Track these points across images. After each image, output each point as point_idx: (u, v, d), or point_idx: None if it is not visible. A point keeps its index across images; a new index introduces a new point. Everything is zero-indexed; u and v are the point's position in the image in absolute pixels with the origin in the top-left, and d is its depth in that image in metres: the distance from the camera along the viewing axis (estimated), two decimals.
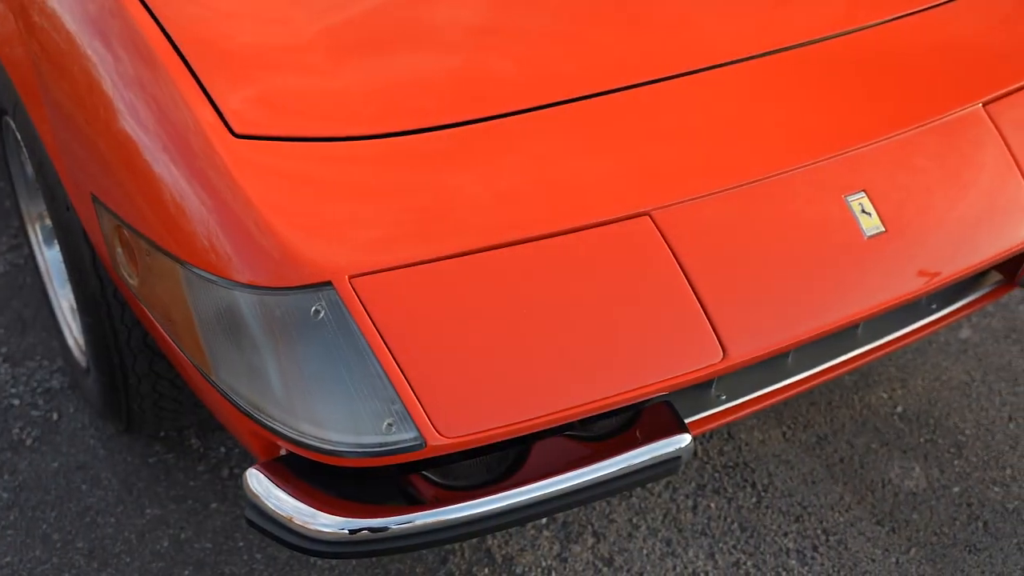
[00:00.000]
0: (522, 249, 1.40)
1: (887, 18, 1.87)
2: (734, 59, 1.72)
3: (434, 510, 1.36)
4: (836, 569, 1.94)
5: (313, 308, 1.29)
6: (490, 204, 1.44)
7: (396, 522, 1.35)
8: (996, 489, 2.11)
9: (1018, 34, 1.97)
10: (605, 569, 1.92)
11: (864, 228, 1.58)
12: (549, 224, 1.43)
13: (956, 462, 2.17)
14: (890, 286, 1.59)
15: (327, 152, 1.44)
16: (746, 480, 2.11)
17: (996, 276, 1.94)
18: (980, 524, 2.04)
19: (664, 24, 1.76)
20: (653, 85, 1.65)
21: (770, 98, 1.69)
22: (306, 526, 1.34)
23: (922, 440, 2.22)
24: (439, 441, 1.28)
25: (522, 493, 1.37)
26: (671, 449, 1.44)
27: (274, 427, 1.34)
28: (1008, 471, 2.15)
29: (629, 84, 1.63)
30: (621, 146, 1.56)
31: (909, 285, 1.61)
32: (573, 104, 1.58)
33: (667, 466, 1.45)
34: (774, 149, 1.62)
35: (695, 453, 2.16)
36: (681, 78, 1.67)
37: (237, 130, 1.40)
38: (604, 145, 1.55)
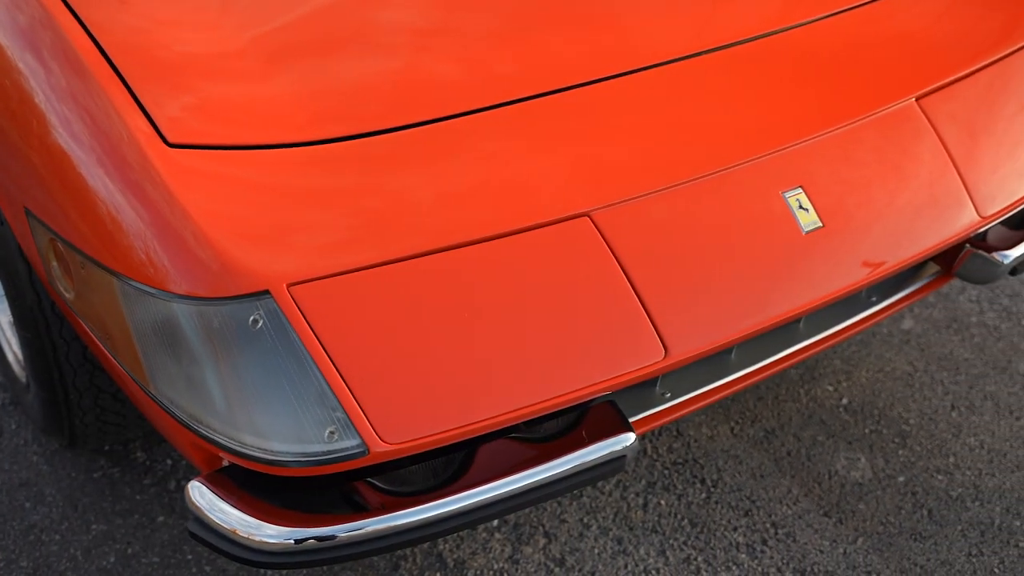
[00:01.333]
0: (463, 252, 1.40)
1: (822, 15, 1.89)
2: (672, 58, 1.73)
3: (380, 517, 1.35)
4: (785, 561, 1.96)
5: (251, 317, 1.28)
6: (431, 208, 1.43)
7: (342, 530, 1.35)
8: (940, 477, 2.14)
9: (949, 29, 2.00)
10: (557, 569, 1.93)
11: (802, 224, 1.60)
12: (489, 227, 1.43)
13: (901, 452, 2.20)
14: (829, 280, 1.61)
15: (264, 160, 1.43)
16: (695, 476, 2.12)
17: (934, 267, 1.97)
18: (925, 512, 2.07)
19: (605, 25, 1.76)
20: (594, 85, 1.65)
21: (707, 96, 1.71)
22: (251, 538, 1.33)
23: (867, 431, 2.25)
24: (382, 448, 1.28)
25: (468, 497, 1.37)
26: (616, 448, 1.44)
27: (215, 439, 1.32)
28: (951, 459, 2.19)
29: (570, 85, 1.64)
30: (561, 147, 1.56)
31: (847, 279, 1.63)
32: (513, 106, 1.59)
33: (613, 465, 1.46)
34: (712, 147, 1.63)
35: (644, 451, 2.17)
36: (621, 78, 1.68)
37: (171, 139, 1.39)
38: (544, 147, 1.55)
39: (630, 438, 1.46)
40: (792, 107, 1.74)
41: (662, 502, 2.07)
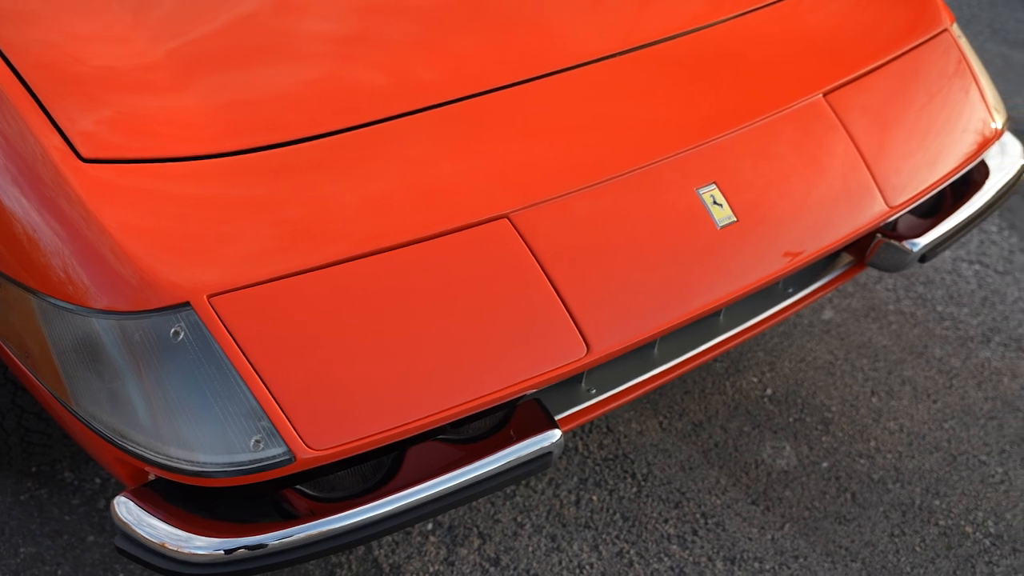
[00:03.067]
0: (384, 257, 1.42)
1: (734, 14, 1.94)
2: (590, 59, 1.76)
3: (310, 523, 1.36)
4: (716, 550, 2.00)
5: (172, 330, 1.28)
6: (352, 215, 1.44)
7: (273, 538, 1.35)
8: (862, 461, 2.20)
9: (856, 26, 2.06)
10: (492, 569, 1.95)
11: (716, 219, 1.64)
12: (410, 232, 1.45)
13: (824, 438, 2.26)
14: (744, 273, 1.65)
15: (182, 172, 1.43)
16: (626, 471, 2.16)
17: (847, 258, 2.03)
18: (849, 496, 2.13)
19: (524, 28, 1.79)
20: (514, 88, 1.68)
21: (624, 96, 1.74)
22: (180, 550, 1.33)
23: (791, 420, 2.30)
24: (308, 454, 1.28)
25: (397, 500, 1.38)
26: (541, 445, 1.47)
27: (140, 453, 1.32)
28: (872, 443, 2.25)
29: (491, 88, 1.66)
30: (482, 150, 1.58)
31: (762, 271, 1.67)
32: (434, 111, 1.60)
33: (539, 462, 1.48)
34: (628, 147, 1.67)
35: (576, 448, 2.20)
36: (540, 80, 1.71)
37: (85, 155, 1.38)
38: (465, 150, 1.57)
39: (555, 435, 1.48)
40: (705, 105, 1.78)
41: (594, 498, 2.10)
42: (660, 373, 1.78)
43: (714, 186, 1.67)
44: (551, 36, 1.80)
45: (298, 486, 1.43)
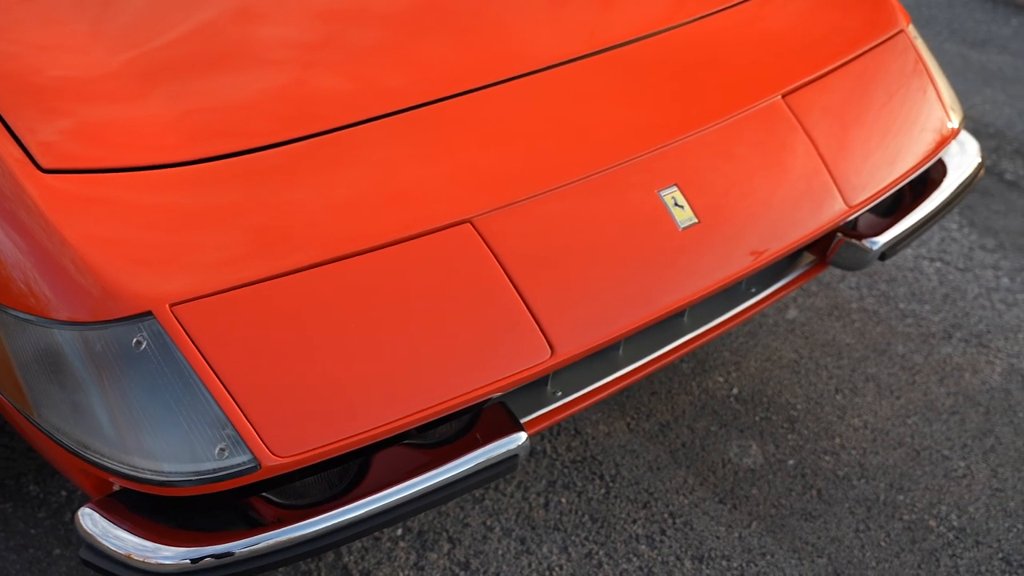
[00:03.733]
0: (348, 264, 1.42)
1: (693, 18, 1.96)
2: (553, 63, 1.78)
3: (277, 530, 1.36)
4: (684, 549, 2.01)
5: (135, 339, 1.28)
6: (315, 221, 1.44)
7: (240, 546, 1.35)
8: (827, 458, 2.23)
9: (815, 28, 2.09)
10: (462, 573, 1.95)
11: (678, 220, 1.66)
12: (373, 238, 1.45)
13: (790, 436, 2.28)
14: (707, 274, 1.67)
15: (142, 181, 1.43)
16: (594, 473, 2.17)
17: (809, 257, 2.05)
18: (814, 492, 2.15)
19: (486, 33, 1.80)
20: (477, 93, 1.69)
21: (586, 101, 1.75)
22: (147, 561, 1.33)
23: (757, 418, 2.32)
24: (274, 461, 1.28)
25: (363, 505, 1.38)
26: (507, 448, 1.47)
27: (104, 463, 1.31)
28: (837, 440, 2.27)
29: (454, 93, 1.67)
30: (445, 155, 1.59)
31: (724, 271, 1.69)
32: (398, 116, 1.61)
33: (505, 465, 1.49)
34: (590, 150, 1.68)
35: (544, 451, 2.21)
36: (504, 84, 1.72)
37: (45, 165, 1.38)
38: (428, 155, 1.58)
39: (521, 438, 1.49)
40: (666, 108, 1.80)
41: (563, 500, 2.11)
42: (626, 374, 1.79)
43: (675, 188, 1.68)
44: (514, 41, 1.81)
45: (264, 494, 1.43)
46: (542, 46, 1.81)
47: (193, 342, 1.28)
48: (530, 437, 1.53)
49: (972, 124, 3.64)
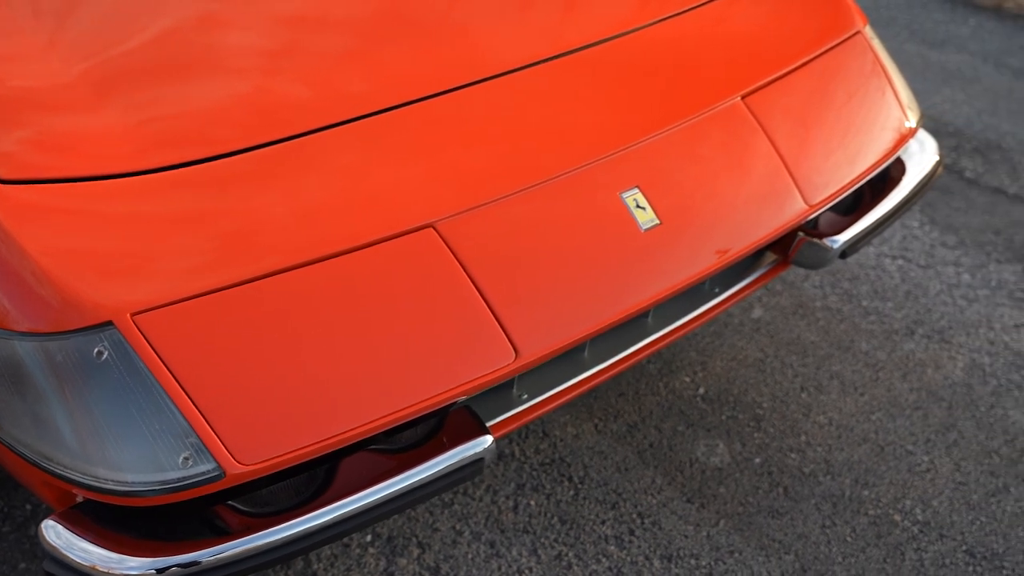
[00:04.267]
0: (310, 270, 1.42)
1: (654, 20, 1.97)
2: (515, 67, 1.78)
3: (243, 538, 1.36)
4: (652, 549, 2.02)
5: (96, 349, 1.27)
6: (277, 228, 1.44)
7: (206, 555, 1.34)
8: (793, 456, 2.25)
9: (771, 31, 2.11)
10: None
11: (640, 222, 1.67)
12: (335, 243, 1.45)
13: (756, 435, 2.30)
14: (669, 274, 1.68)
15: (103, 190, 1.42)
16: (563, 475, 2.18)
17: (771, 256, 2.07)
18: (781, 490, 2.17)
19: (448, 38, 1.81)
20: (440, 97, 1.69)
21: (548, 103, 1.76)
22: (112, 572, 1.32)
23: (724, 418, 2.34)
24: (238, 469, 1.28)
25: (330, 512, 1.38)
26: (473, 452, 1.48)
27: (67, 475, 1.31)
28: (803, 437, 2.29)
29: (417, 98, 1.67)
30: (409, 160, 1.59)
31: (687, 272, 1.70)
32: (360, 122, 1.61)
33: (471, 468, 1.49)
34: (552, 152, 1.69)
35: (512, 454, 2.21)
36: (466, 88, 1.72)
37: (3, 176, 1.37)
38: (392, 160, 1.58)
39: (487, 441, 1.49)
40: (627, 110, 1.81)
41: (532, 502, 2.11)
42: (591, 376, 1.80)
43: (636, 190, 1.69)
44: (477, 45, 1.82)
45: (230, 502, 1.42)
46: (506, 50, 1.82)
47: (155, 351, 1.27)
48: (497, 440, 1.53)
49: (932, 123, 3.68)
